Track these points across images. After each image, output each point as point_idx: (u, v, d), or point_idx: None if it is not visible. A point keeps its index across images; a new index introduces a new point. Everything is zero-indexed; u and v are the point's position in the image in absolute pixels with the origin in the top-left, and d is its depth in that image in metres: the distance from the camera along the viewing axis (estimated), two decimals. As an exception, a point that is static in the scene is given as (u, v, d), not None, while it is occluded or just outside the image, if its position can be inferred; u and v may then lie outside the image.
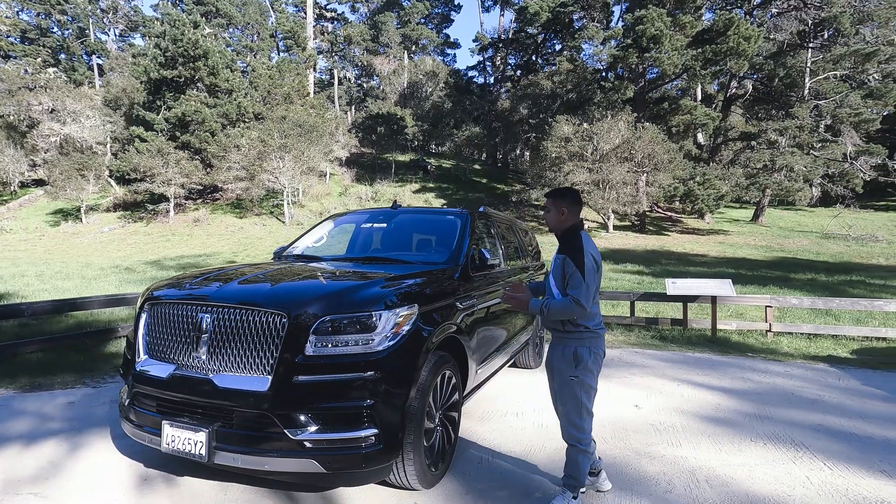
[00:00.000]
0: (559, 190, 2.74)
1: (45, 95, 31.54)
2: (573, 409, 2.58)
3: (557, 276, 2.56)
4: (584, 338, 2.55)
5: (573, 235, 2.60)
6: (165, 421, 2.39)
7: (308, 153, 27.36)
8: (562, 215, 2.66)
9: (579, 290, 2.41)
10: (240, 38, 48.72)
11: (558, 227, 2.68)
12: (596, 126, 24.25)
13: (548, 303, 2.48)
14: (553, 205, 2.68)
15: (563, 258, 2.52)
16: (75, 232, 26.35)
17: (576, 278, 2.42)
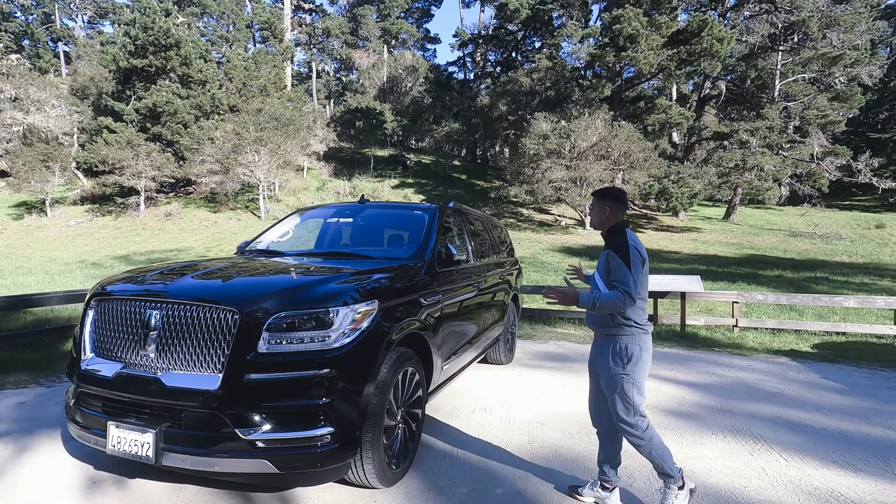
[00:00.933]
0: (603, 189, 2.76)
1: (6, 83, 30.23)
2: (623, 408, 2.51)
3: (602, 271, 2.59)
4: (634, 333, 2.53)
5: (618, 232, 2.62)
6: (111, 422, 2.30)
7: (285, 147, 26.88)
8: (605, 214, 2.67)
9: (626, 280, 2.42)
10: (215, 28, 47.52)
11: (602, 225, 2.70)
12: (574, 124, 24.44)
13: (598, 296, 2.46)
14: (597, 203, 2.70)
15: (608, 253, 2.55)
16: (39, 226, 25.40)
17: (622, 270, 2.44)
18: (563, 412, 4.17)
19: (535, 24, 37.64)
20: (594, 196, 2.76)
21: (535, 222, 27.46)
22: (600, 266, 2.63)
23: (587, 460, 3.27)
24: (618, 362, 2.51)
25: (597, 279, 2.66)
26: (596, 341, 2.71)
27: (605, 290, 2.54)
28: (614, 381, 2.52)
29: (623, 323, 2.52)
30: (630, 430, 2.52)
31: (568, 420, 3.98)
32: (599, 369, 2.63)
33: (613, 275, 2.48)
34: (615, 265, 2.47)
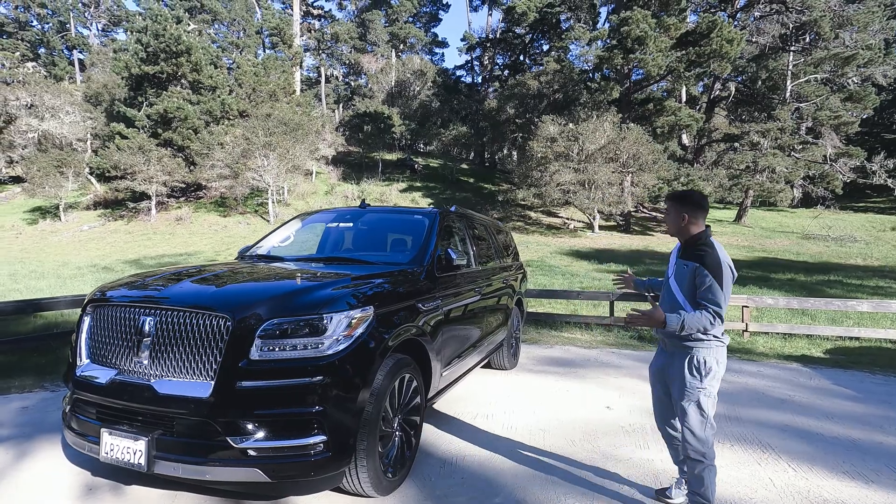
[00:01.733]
0: (679, 193, 2.61)
1: (22, 90, 30.82)
2: (697, 423, 2.44)
3: (684, 283, 2.46)
4: (713, 347, 2.45)
5: (705, 244, 2.48)
6: (104, 429, 2.29)
7: (293, 151, 27.07)
8: (683, 221, 2.55)
9: (718, 301, 2.34)
10: (225, 35, 48.13)
11: (681, 233, 2.58)
12: (582, 126, 24.33)
13: (685, 318, 2.33)
14: (673, 208, 2.57)
15: (696, 267, 2.40)
16: (53, 230, 25.78)
17: (714, 290, 2.34)
18: (567, 419, 4.11)
19: (542, 27, 37.61)
20: (669, 200, 2.62)
21: (544, 225, 27.36)
22: (681, 277, 2.50)
23: (588, 468, 3.21)
24: (695, 375, 2.44)
25: (675, 291, 2.53)
26: (669, 352, 2.61)
27: (685, 303, 2.46)
28: (691, 393, 2.45)
29: (703, 337, 2.43)
30: (698, 444, 2.44)
31: (571, 427, 3.92)
32: (671, 379, 2.56)
33: (702, 293, 2.37)
34: (706, 283, 2.36)
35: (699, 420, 2.45)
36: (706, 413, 2.45)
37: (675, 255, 2.67)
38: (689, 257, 2.48)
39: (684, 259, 2.51)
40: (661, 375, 2.67)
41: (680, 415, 2.52)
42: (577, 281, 13.93)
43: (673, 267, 2.62)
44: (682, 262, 2.52)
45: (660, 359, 2.70)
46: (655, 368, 2.74)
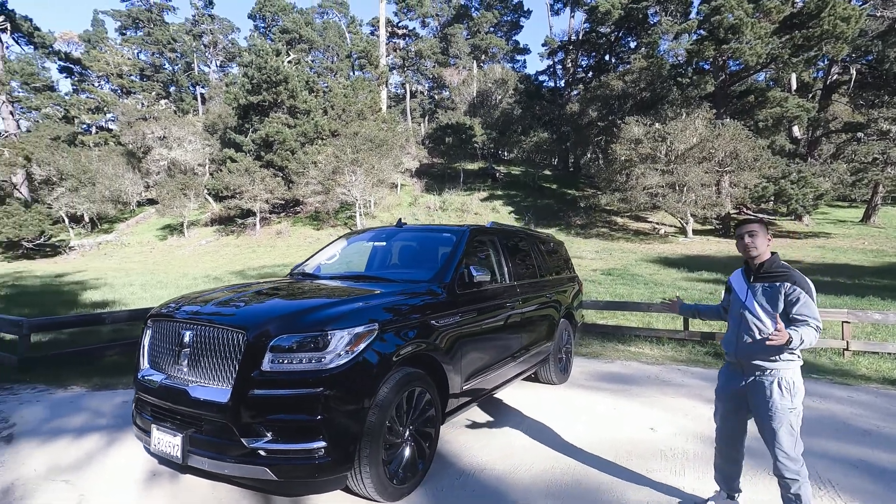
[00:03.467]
0: (760, 216, 2.71)
1: (156, 125, 35.81)
2: (790, 443, 2.47)
3: (772, 303, 2.51)
4: (797, 365, 2.52)
5: (781, 262, 2.60)
6: (154, 425, 2.73)
7: (379, 166, 28.54)
8: (769, 242, 2.65)
9: (816, 314, 2.42)
10: (321, 61, 52.09)
11: (764, 254, 2.63)
12: (670, 125, 22.90)
13: (801, 334, 2.36)
14: (761, 231, 2.63)
15: (784, 286, 2.49)
16: (178, 245, 29.56)
17: (809, 305, 2.43)
18: (603, 438, 3.99)
19: (628, 23, 35.98)
20: (758, 223, 2.66)
21: (630, 231, 26.04)
22: (768, 297, 2.53)
23: (608, 491, 3.12)
24: (785, 396, 2.47)
25: (757, 311, 2.55)
26: (744, 373, 2.62)
27: (768, 322, 2.50)
28: (783, 415, 2.47)
29: (789, 358, 2.50)
30: (791, 464, 2.47)
31: (605, 447, 3.81)
32: (756, 404, 2.56)
33: (799, 309, 2.42)
34: (801, 300, 2.42)
35: (791, 440, 2.47)
36: (796, 432, 2.49)
37: (743, 281, 2.70)
38: (771, 279, 2.54)
39: (764, 281, 2.56)
40: (737, 398, 2.67)
41: (769, 437, 2.52)
42: (661, 291, 13.11)
43: (747, 293, 2.63)
44: (764, 286, 2.55)
45: (734, 381, 2.69)
46: (731, 391, 2.71)
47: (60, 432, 3.97)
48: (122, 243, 31.01)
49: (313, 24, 51.14)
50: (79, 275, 21.14)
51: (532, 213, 29.69)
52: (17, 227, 27.20)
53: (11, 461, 3.46)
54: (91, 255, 29.46)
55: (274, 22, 51.96)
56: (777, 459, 2.49)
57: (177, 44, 51.61)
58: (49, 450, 3.64)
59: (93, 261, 27.42)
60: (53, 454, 3.57)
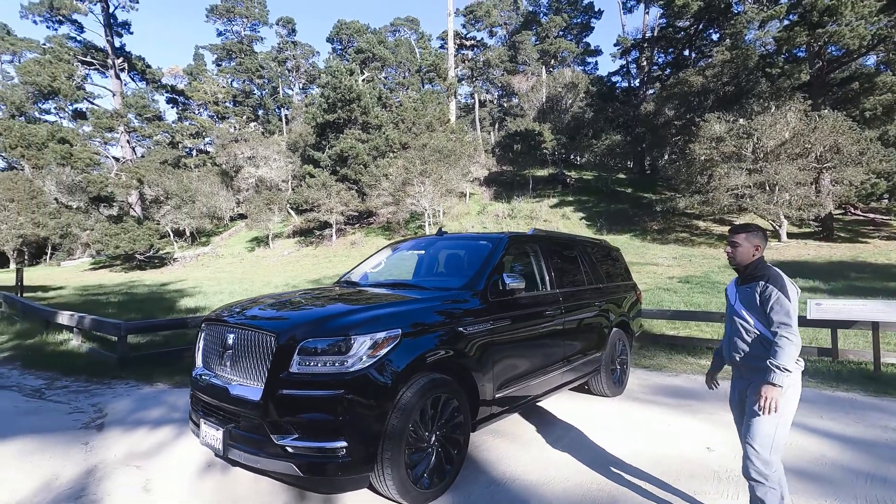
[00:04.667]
0: (746, 226, 2.72)
1: (245, 146, 39.04)
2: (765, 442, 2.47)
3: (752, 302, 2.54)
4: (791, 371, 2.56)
5: (762, 264, 2.62)
6: (202, 419, 3.00)
7: (447, 176, 29.01)
8: (756, 251, 2.64)
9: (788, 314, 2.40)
10: (394, 77, 54.11)
11: (748, 264, 2.64)
12: (756, 121, 21.12)
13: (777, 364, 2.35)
14: (746, 241, 2.64)
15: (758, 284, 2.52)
16: (264, 255, 31.89)
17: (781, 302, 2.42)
18: (652, 455, 3.77)
19: (709, 14, 33.81)
20: (744, 232, 2.66)
21: (714, 236, 24.25)
22: (748, 298, 2.56)
23: (644, 512, 2.95)
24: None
25: (743, 314, 2.58)
26: (744, 377, 2.66)
27: (757, 325, 2.52)
28: (766, 416, 2.44)
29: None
30: (761, 466, 2.43)
31: (652, 464, 3.60)
32: (748, 404, 2.56)
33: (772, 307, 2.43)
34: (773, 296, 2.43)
35: (767, 441, 2.42)
36: (774, 436, 2.43)
37: (734, 287, 2.76)
38: (751, 280, 2.58)
39: (746, 284, 2.60)
40: (742, 405, 2.65)
41: (744, 431, 2.52)
42: (744, 300, 12.08)
43: (735, 297, 2.69)
44: (745, 288, 2.60)
45: (736, 382, 2.72)
46: (737, 399, 2.72)
47: (141, 423, 4.46)
48: (217, 255, 34.03)
49: (386, 43, 53.28)
50: (179, 283, 23.50)
51: (604, 219, 28.63)
52: (131, 241, 30.81)
53: (99, 446, 3.96)
54: (191, 265, 32.62)
55: (350, 43, 54.84)
56: (746, 456, 2.46)
57: (264, 70, 56.05)
58: (129, 438, 4.11)
59: (192, 271, 30.36)
60: (132, 442, 4.03)
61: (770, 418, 2.40)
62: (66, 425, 4.44)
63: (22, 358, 7.22)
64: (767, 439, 2.41)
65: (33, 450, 3.86)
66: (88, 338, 7.97)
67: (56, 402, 5.15)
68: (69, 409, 4.94)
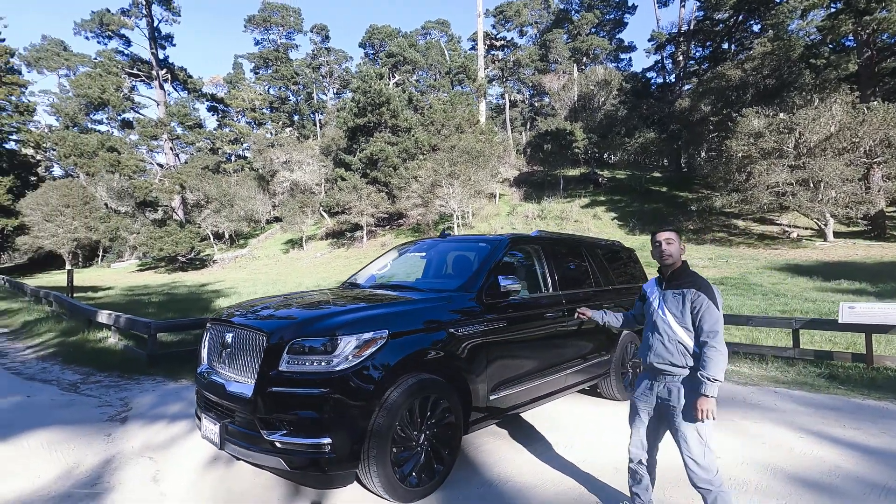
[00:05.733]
0: (675, 227, 2.76)
1: (281, 151, 40.22)
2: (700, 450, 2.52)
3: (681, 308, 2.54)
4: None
5: (690, 270, 2.66)
6: (203, 414, 3.15)
7: (476, 177, 29.01)
8: (683, 249, 2.71)
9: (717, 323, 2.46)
10: (424, 79, 54.51)
11: (678, 262, 2.68)
12: (799, 114, 20.16)
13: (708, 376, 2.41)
14: (677, 239, 2.71)
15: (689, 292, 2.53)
16: (298, 257, 32.74)
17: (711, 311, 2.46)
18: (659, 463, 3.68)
19: (748, 5, 32.51)
20: (674, 231, 2.72)
21: (753, 235, 23.31)
22: (676, 304, 2.56)
23: (635, 518, 2.90)
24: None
25: (668, 320, 2.57)
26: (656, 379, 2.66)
27: (679, 331, 2.53)
28: (692, 423, 2.50)
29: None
30: (704, 474, 2.47)
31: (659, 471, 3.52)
32: (669, 411, 2.58)
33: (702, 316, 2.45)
34: (703, 306, 2.45)
35: (700, 448, 2.47)
36: (705, 441, 2.48)
37: (656, 288, 2.75)
38: (679, 286, 2.58)
39: (674, 288, 2.59)
40: (652, 405, 2.68)
41: (680, 444, 2.53)
42: (782, 304, 11.59)
43: (659, 300, 2.66)
44: (673, 293, 2.58)
45: (651, 387, 2.70)
46: (646, 397, 2.72)
47: (160, 417, 4.70)
48: (254, 256, 35.18)
49: (417, 46, 53.73)
50: (217, 284, 24.42)
51: (637, 219, 27.94)
52: (174, 244, 32.26)
53: (119, 438, 4.20)
54: (229, 267, 33.86)
55: (381, 47, 55.62)
56: (688, 467, 2.50)
57: (299, 77, 57.58)
58: (147, 431, 4.34)
59: (230, 272, 31.50)
60: (149, 435, 4.25)
61: (695, 426, 2.45)
62: (94, 418, 4.73)
63: (64, 354, 7.70)
64: (701, 446, 2.47)
65: (61, 440, 4.13)
66: (125, 336, 8.42)
67: (88, 396, 5.48)
68: (99, 402, 5.25)
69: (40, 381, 6.16)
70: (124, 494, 3.18)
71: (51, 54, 48.31)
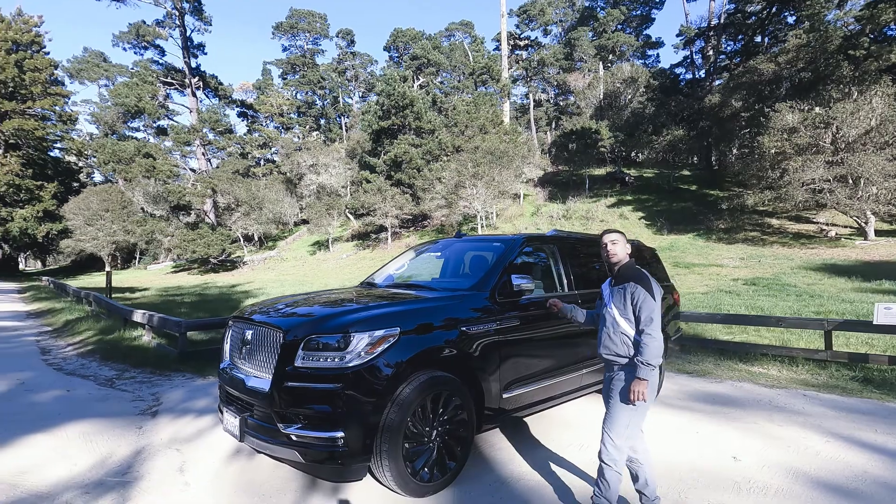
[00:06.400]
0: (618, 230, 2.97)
1: (307, 154, 40.99)
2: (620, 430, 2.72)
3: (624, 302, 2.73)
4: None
5: (632, 266, 2.88)
6: (224, 407, 3.28)
7: (499, 178, 28.92)
8: (629, 251, 2.93)
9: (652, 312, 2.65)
10: (448, 81, 54.66)
11: (623, 259, 2.88)
12: (835, 108, 19.38)
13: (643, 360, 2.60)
14: (622, 241, 2.92)
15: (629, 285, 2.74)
16: (324, 259, 33.29)
17: (648, 302, 2.66)
18: (670, 462, 3.64)
19: (782, -4, 31.45)
20: (618, 232, 2.93)
21: (788, 234, 22.50)
22: (619, 298, 2.76)
23: (647, 518, 2.88)
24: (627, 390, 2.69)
25: (614, 311, 2.77)
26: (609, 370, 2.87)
27: (622, 323, 2.73)
28: (624, 405, 2.70)
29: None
30: (614, 452, 2.67)
31: (668, 471, 3.48)
32: (613, 388, 2.77)
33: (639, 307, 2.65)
34: (640, 297, 2.66)
35: (622, 428, 2.66)
36: (629, 424, 2.68)
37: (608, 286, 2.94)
38: (623, 280, 2.76)
39: (619, 284, 2.78)
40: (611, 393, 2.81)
41: (607, 418, 2.73)
42: (817, 305, 11.18)
43: (609, 296, 2.86)
44: (618, 288, 2.77)
45: (606, 377, 2.88)
46: (605, 386, 2.89)
47: (188, 412, 4.90)
48: (282, 258, 35.96)
49: (441, 48, 53.93)
50: (247, 285, 25.07)
51: (665, 218, 27.36)
52: (206, 246, 33.26)
53: (150, 431, 4.39)
54: (258, 268, 34.70)
55: (406, 50, 56.05)
56: (602, 441, 2.69)
57: (325, 81, 58.58)
58: (175, 424, 4.53)
59: (259, 273, 32.28)
60: (177, 428, 4.43)
61: (628, 409, 2.65)
62: (127, 411, 4.96)
63: (101, 351, 8.07)
64: (622, 427, 2.66)
65: (96, 431, 4.36)
66: (157, 334, 8.76)
67: (122, 391, 5.74)
68: (132, 397, 5.50)
69: (79, 376, 6.48)
70: (152, 483, 3.33)
71: (91, 65, 50.56)
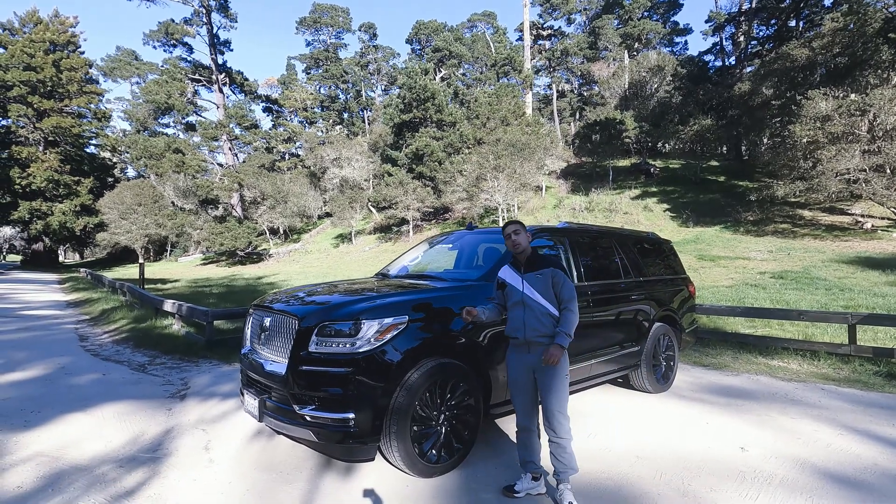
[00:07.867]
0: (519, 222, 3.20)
1: (331, 148, 41.52)
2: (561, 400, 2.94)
3: (546, 286, 2.99)
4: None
5: (541, 254, 3.20)
6: (245, 390, 3.48)
7: (521, 170, 28.77)
8: (529, 238, 3.17)
9: (572, 291, 3.00)
10: (470, 72, 54.43)
11: (526, 251, 3.11)
12: (872, 95, 18.61)
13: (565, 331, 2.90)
14: (525, 231, 3.16)
15: (550, 271, 3.03)
16: (347, 251, 33.79)
17: (568, 285, 3.00)
18: (678, 451, 3.69)
19: (818, -22, 30.21)
20: (517, 224, 3.15)
21: (821, 226, 21.79)
22: (540, 283, 2.98)
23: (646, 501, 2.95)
24: (561, 362, 2.91)
25: (537, 298, 2.97)
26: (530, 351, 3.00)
27: (548, 305, 2.96)
28: (560, 378, 2.92)
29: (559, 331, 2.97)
30: (565, 421, 2.90)
31: (674, 460, 3.54)
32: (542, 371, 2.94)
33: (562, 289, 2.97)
34: (563, 282, 2.98)
35: (562, 399, 2.92)
36: (565, 394, 2.95)
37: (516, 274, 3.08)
38: (538, 267, 3.01)
39: (534, 271, 3.00)
40: (529, 373, 3.00)
41: (546, 396, 2.91)
42: (846, 298, 10.89)
43: (522, 283, 3.01)
44: (535, 275, 2.99)
45: (525, 359, 3.01)
46: (524, 368, 3.01)
47: (213, 395, 5.16)
48: (306, 251, 36.65)
49: (463, 39, 53.69)
50: (272, 277, 25.71)
51: (691, 210, 26.80)
52: (233, 239, 34.13)
53: (178, 412, 4.66)
54: (283, 260, 35.46)
55: (428, 43, 55.98)
56: (552, 415, 2.88)
57: (348, 75, 59.07)
58: (201, 407, 4.79)
59: (284, 266, 33.01)
60: (203, 410, 4.69)
61: (566, 381, 2.92)
62: (158, 394, 5.25)
63: (135, 339, 8.49)
64: (562, 397, 2.90)
65: (130, 412, 4.64)
66: (186, 323, 9.14)
67: (153, 376, 6.07)
68: (162, 381, 5.80)
69: (114, 361, 6.86)
70: (179, 459, 3.56)
71: (123, 64, 52.16)
